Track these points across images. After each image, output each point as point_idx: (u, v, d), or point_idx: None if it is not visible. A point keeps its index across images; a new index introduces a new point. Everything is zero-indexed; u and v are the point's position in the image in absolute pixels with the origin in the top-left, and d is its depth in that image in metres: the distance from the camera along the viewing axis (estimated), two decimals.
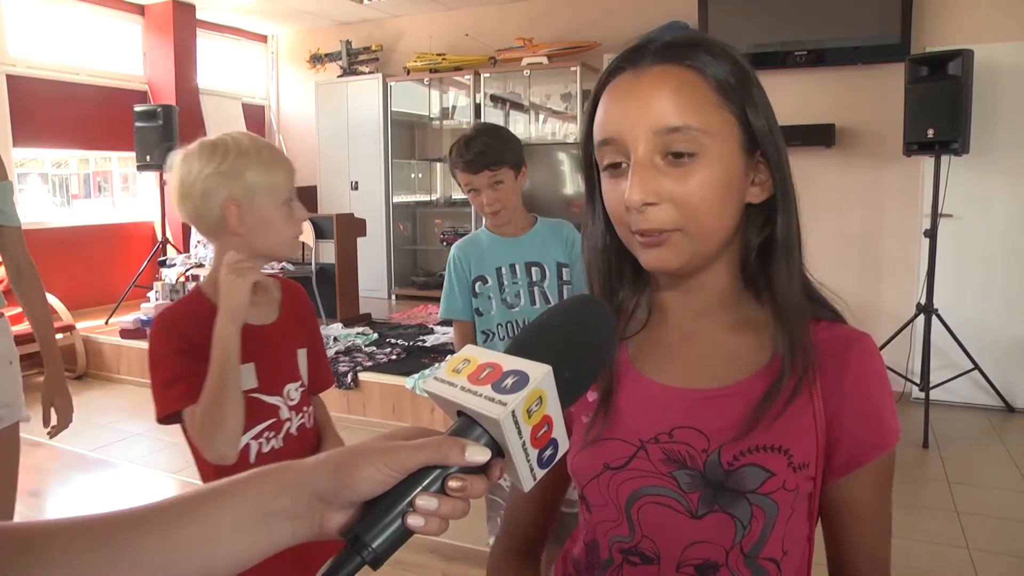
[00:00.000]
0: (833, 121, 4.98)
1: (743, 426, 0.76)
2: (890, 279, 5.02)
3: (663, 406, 0.81)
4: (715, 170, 0.74)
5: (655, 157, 0.74)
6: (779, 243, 0.80)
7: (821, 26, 4.97)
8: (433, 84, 7.08)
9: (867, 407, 0.78)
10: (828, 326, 0.82)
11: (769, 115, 0.78)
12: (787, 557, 0.79)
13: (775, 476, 0.75)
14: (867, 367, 0.79)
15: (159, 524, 0.53)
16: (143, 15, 6.78)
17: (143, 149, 6.00)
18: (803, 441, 0.77)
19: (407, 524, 0.53)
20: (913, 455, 3.85)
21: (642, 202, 0.74)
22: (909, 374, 4.51)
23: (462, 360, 0.58)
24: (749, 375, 0.80)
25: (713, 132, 0.74)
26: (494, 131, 2.07)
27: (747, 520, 0.76)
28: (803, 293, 0.81)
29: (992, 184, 4.54)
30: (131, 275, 6.22)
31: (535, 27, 6.42)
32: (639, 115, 0.74)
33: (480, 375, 0.56)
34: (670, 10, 5.59)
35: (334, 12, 7.10)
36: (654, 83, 0.75)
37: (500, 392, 0.54)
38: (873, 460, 0.78)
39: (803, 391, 0.77)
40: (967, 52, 4.04)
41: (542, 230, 2.14)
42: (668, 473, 0.79)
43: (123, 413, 4.76)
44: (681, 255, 0.76)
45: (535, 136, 6.85)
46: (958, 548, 2.87)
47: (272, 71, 8.10)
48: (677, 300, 0.85)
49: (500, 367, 0.56)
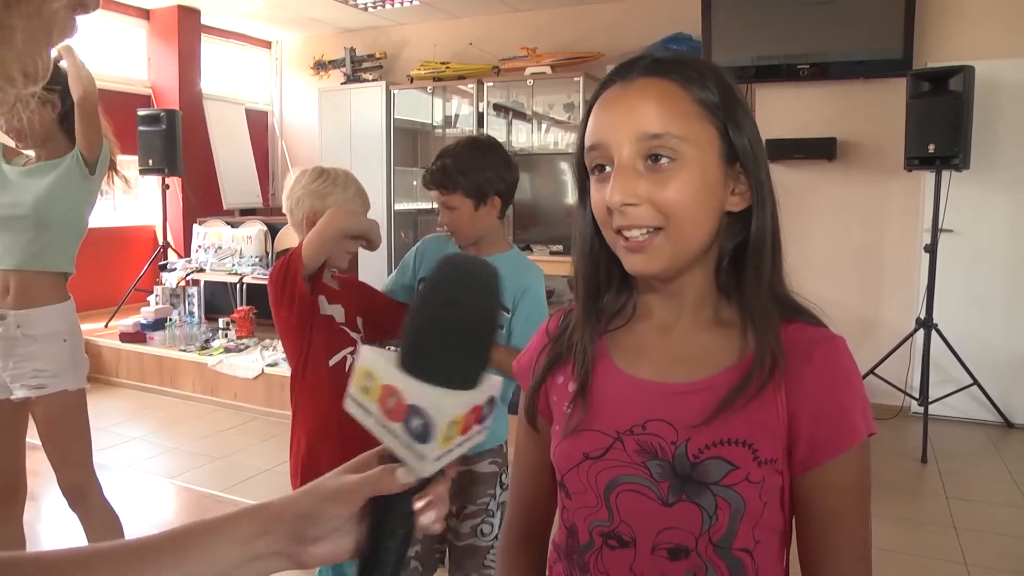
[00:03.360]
0: (835, 135, 4.99)
1: (704, 416, 0.80)
2: (890, 293, 5.02)
3: (637, 399, 0.85)
4: (693, 176, 0.79)
5: (636, 161, 0.79)
6: (750, 250, 0.83)
7: (824, 40, 4.98)
8: (436, 92, 7.09)
9: (827, 405, 0.80)
10: (801, 328, 0.84)
11: (753, 136, 0.82)
12: (760, 546, 0.81)
13: (738, 469, 0.79)
14: (830, 365, 0.81)
15: (162, 559, 0.58)
16: (148, 19, 6.80)
17: (146, 153, 6.02)
18: (768, 436, 0.80)
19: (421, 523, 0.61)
20: (911, 470, 3.85)
21: (622, 202, 0.79)
22: (908, 389, 4.50)
23: (365, 375, 0.60)
24: (719, 371, 0.83)
25: (692, 140, 0.79)
26: (470, 155, 1.89)
27: (712, 510, 0.79)
28: (773, 297, 0.84)
29: (992, 200, 4.55)
30: (132, 279, 6.22)
31: (539, 37, 6.44)
32: (623, 122, 0.80)
33: (387, 404, 0.58)
34: (674, 22, 5.61)
35: (339, 19, 7.12)
36: (639, 93, 0.81)
37: (414, 438, 0.57)
38: (832, 459, 0.79)
39: (768, 388, 0.79)
40: (968, 68, 4.06)
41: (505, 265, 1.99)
42: (641, 463, 0.83)
43: (122, 417, 4.76)
44: (662, 259, 0.81)
45: (537, 145, 6.86)
46: (955, 564, 2.86)
47: (276, 77, 8.12)
48: (657, 300, 0.89)
49: (401, 398, 0.57)
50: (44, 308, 2.29)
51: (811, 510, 0.82)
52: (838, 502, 0.81)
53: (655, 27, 5.70)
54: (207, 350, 5.16)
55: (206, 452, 4.14)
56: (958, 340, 4.32)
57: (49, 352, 2.27)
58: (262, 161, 7.93)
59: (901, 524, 3.22)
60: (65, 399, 2.29)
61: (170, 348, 5.30)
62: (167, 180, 6.28)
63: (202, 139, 6.97)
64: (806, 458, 0.80)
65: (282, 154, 8.10)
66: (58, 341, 2.30)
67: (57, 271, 2.34)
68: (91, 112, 2.21)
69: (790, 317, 0.85)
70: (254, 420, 4.69)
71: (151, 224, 6.94)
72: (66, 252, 2.36)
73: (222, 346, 5.18)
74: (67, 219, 2.33)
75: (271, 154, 8.18)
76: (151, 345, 5.39)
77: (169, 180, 6.30)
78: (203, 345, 5.27)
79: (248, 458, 4.05)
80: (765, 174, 0.83)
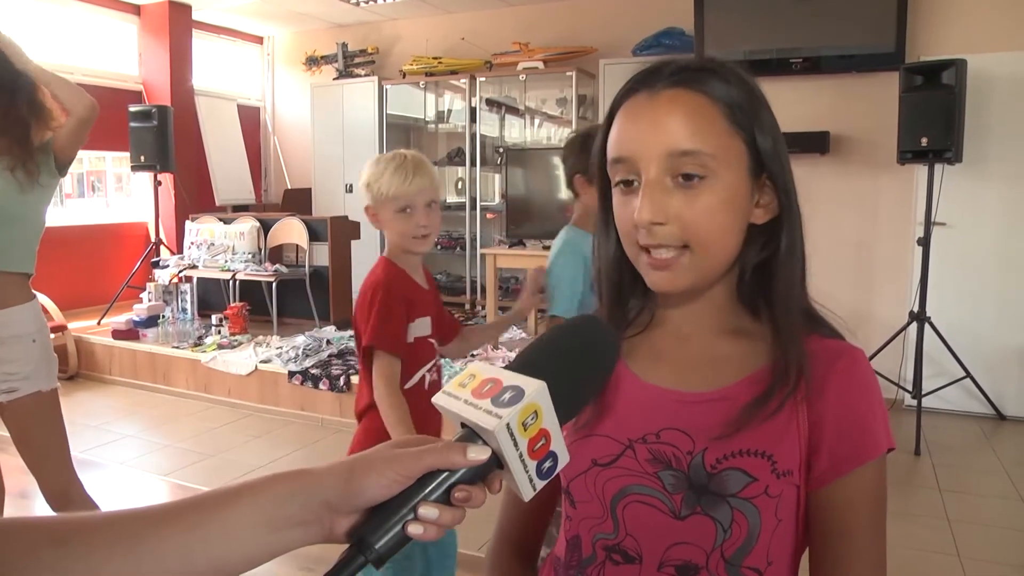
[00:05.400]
0: (828, 129, 5.00)
1: (728, 428, 0.78)
2: (883, 287, 5.03)
3: (652, 407, 0.83)
4: (722, 193, 0.78)
5: (665, 178, 0.78)
6: (779, 264, 0.82)
7: (816, 34, 4.98)
8: (429, 87, 7.08)
9: (847, 417, 0.78)
10: (819, 340, 0.83)
11: (776, 136, 0.81)
12: (771, 568, 0.79)
13: (757, 481, 0.76)
14: (852, 378, 0.80)
15: (180, 523, 0.56)
16: (139, 15, 6.76)
17: (137, 149, 5.98)
18: (787, 448, 0.78)
19: (407, 532, 0.56)
20: (905, 462, 3.86)
21: (651, 221, 0.77)
22: (901, 381, 4.52)
23: (468, 375, 0.62)
24: (737, 380, 0.81)
25: (722, 157, 0.77)
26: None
27: (728, 524, 0.76)
28: (800, 309, 0.83)
29: (985, 193, 4.56)
30: (124, 276, 6.19)
31: (531, 32, 6.43)
32: (651, 137, 0.78)
33: (482, 390, 0.60)
34: (666, 16, 5.60)
35: (330, 14, 7.09)
36: (667, 107, 0.78)
37: (498, 406, 0.57)
38: (851, 471, 0.78)
39: (790, 400, 0.78)
40: (961, 62, 4.06)
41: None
42: (654, 473, 0.80)
43: (114, 414, 4.74)
44: (688, 278, 0.80)
45: (530, 140, 6.86)
46: (949, 556, 2.87)
47: (268, 73, 8.09)
48: (676, 310, 0.88)
49: (500, 382, 0.59)
50: (11, 309, 2.21)
51: (827, 525, 0.79)
52: (854, 517, 0.78)
53: (647, 21, 5.70)
54: (200, 347, 5.14)
55: (199, 449, 4.12)
56: (951, 333, 4.33)
57: (19, 354, 2.21)
58: (254, 157, 7.90)
59: (894, 517, 3.22)
60: (39, 400, 2.25)
61: (163, 345, 5.28)
62: (159, 177, 6.24)
63: (194, 135, 6.94)
64: (825, 471, 0.78)
65: (274, 150, 8.07)
66: (27, 342, 2.23)
67: (20, 271, 2.25)
68: (89, 127, 2.30)
69: (809, 328, 0.84)
70: (248, 417, 4.68)
71: (143, 221, 6.91)
72: (28, 250, 2.28)
73: (215, 343, 5.16)
74: (31, 218, 2.27)
75: (263, 150, 8.15)
76: (144, 342, 5.37)
77: (161, 177, 6.27)
78: (196, 342, 5.26)
79: (241, 455, 4.04)
80: (791, 182, 0.82)
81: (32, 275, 2.29)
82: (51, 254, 5.66)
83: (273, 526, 0.57)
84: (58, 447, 2.31)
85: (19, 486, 3.39)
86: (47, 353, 2.29)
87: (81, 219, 6.54)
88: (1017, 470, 3.72)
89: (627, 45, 5.81)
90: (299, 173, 7.77)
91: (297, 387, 4.61)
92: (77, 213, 6.65)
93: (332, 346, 5.04)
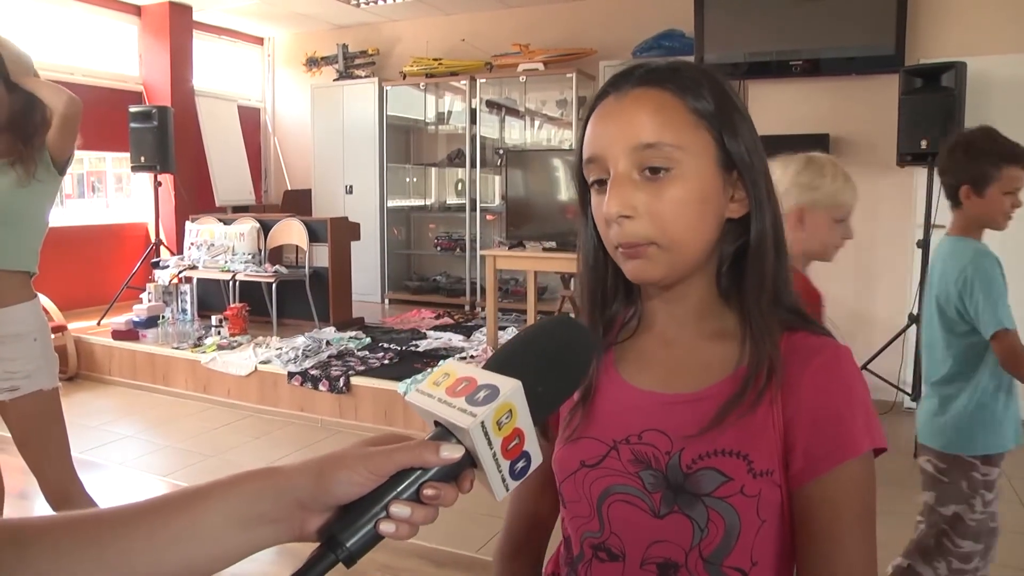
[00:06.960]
0: (827, 131, 5.00)
1: (701, 428, 0.79)
2: (883, 289, 5.04)
3: (636, 409, 0.85)
4: (690, 185, 0.79)
5: (632, 172, 0.79)
6: (750, 256, 0.83)
7: (816, 36, 4.99)
8: (429, 89, 7.09)
9: (823, 414, 0.77)
10: (804, 336, 0.83)
11: (750, 142, 0.82)
12: (757, 568, 0.78)
13: (732, 481, 0.77)
14: (830, 374, 0.79)
15: (146, 522, 0.55)
16: (139, 16, 6.77)
17: (138, 150, 5.98)
18: (764, 447, 0.78)
19: (379, 530, 0.56)
20: (903, 465, 3.86)
21: (619, 214, 0.78)
22: (901, 384, 4.52)
23: (442, 374, 0.62)
24: (718, 381, 0.82)
25: (687, 148, 0.79)
26: None
27: (704, 523, 0.77)
28: (777, 305, 0.83)
29: None
30: (124, 276, 6.19)
31: (531, 33, 6.43)
32: (618, 134, 0.80)
33: (456, 388, 0.60)
34: (666, 18, 5.61)
35: (331, 16, 7.10)
36: (633, 105, 0.80)
37: (472, 404, 0.57)
38: (830, 470, 0.76)
39: (765, 398, 0.78)
40: (960, 64, 4.07)
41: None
42: (635, 473, 0.82)
43: (114, 415, 4.74)
44: (659, 267, 0.81)
45: (530, 142, 6.87)
46: None
47: (268, 74, 8.10)
48: (662, 310, 0.88)
49: (475, 381, 0.59)
50: (12, 307, 2.22)
51: (810, 526, 0.77)
52: (837, 518, 0.76)
53: (647, 23, 5.70)
54: (200, 347, 5.14)
55: (199, 450, 4.12)
56: None
57: (20, 352, 2.22)
58: (255, 158, 7.91)
59: (892, 519, 3.22)
60: (40, 399, 2.26)
61: (163, 346, 5.28)
62: (159, 177, 6.24)
63: (194, 136, 6.94)
64: (803, 469, 0.77)
65: (275, 151, 8.07)
66: (28, 340, 2.24)
67: (21, 270, 2.27)
68: (74, 123, 2.29)
69: (796, 326, 0.83)
70: (247, 418, 4.68)
71: (143, 221, 6.91)
72: (30, 249, 2.29)
73: (215, 343, 5.16)
74: (32, 216, 2.28)
75: (263, 151, 8.15)
76: (144, 343, 5.37)
77: (161, 177, 6.27)
78: (196, 342, 5.26)
79: (241, 456, 4.04)
80: (763, 180, 0.82)
81: (35, 274, 2.30)
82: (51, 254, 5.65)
83: (243, 524, 0.56)
84: (58, 446, 2.31)
85: (19, 486, 3.39)
86: (48, 352, 2.31)
87: (81, 219, 6.55)
88: (1016, 472, 3.71)
89: (627, 47, 5.81)
90: (299, 174, 7.77)
91: (297, 388, 4.61)
92: (77, 213, 6.66)
93: (332, 347, 5.05)
